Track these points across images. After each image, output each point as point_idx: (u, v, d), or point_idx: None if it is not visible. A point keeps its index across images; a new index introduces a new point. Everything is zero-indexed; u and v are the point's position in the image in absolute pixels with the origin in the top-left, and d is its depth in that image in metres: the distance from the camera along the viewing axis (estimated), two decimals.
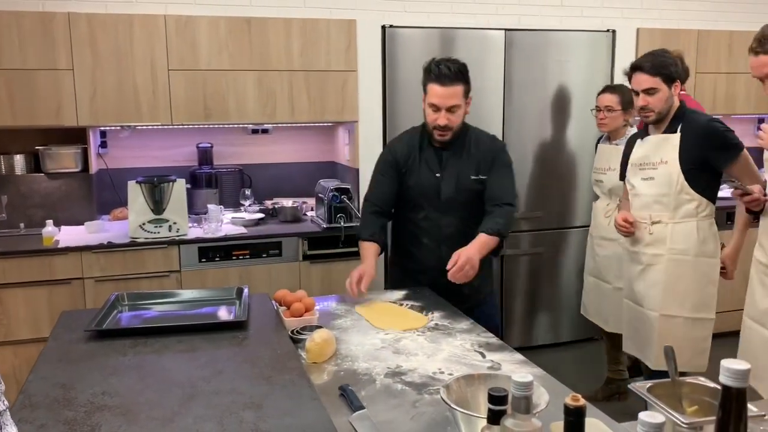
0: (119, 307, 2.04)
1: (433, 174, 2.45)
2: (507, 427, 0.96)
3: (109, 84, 3.34)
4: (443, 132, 2.39)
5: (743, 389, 0.80)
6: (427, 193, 2.46)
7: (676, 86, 2.54)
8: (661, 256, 2.57)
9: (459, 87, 2.34)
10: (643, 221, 2.61)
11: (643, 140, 2.66)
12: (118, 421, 1.29)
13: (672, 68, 2.53)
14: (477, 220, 2.40)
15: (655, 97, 2.51)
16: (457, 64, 2.35)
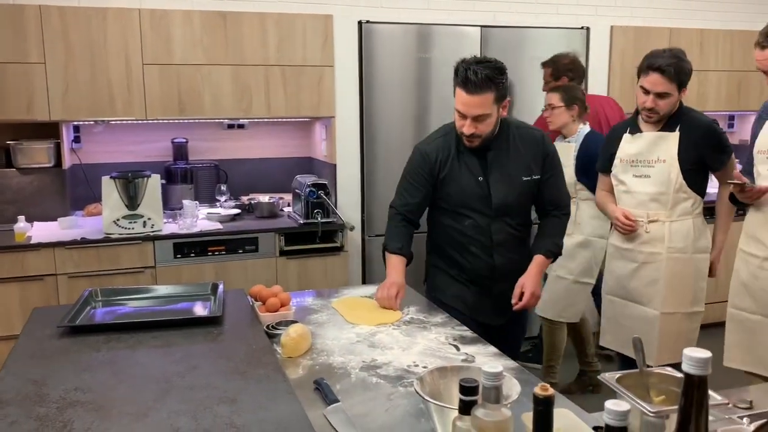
0: (93, 303, 2.02)
1: (476, 178, 2.23)
2: (477, 416, 0.97)
3: (82, 78, 3.29)
4: (470, 140, 2.18)
5: (704, 377, 0.82)
6: (472, 200, 2.24)
7: (684, 91, 2.51)
8: (659, 254, 2.58)
9: (488, 95, 2.08)
10: (639, 219, 2.60)
11: (634, 136, 2.62)
12: (90, 416, 1.28)
13: (686, 75, 2.48)
14: (528, 221, 2.35)
15: (666, 102, 2.48)
16: (487, 69, 2.06)
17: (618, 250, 2.72)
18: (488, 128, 2.15)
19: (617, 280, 2.74)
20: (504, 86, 2.12)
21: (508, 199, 2.23)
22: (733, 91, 4.57)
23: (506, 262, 2.28)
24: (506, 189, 2.23)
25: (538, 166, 2.26)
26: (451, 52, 3.77)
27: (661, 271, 2.58)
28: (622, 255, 2.69)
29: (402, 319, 2.06)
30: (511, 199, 2.24)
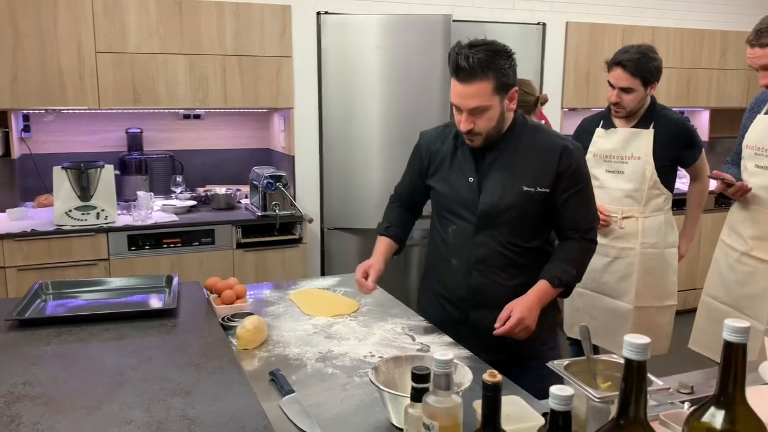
0: (43, 296, 1.98)
1: (466, 179, 1.89)
2: (428, 403, 1.00)
3: (31, 66, 3.20)
4: (470, 138, 1.83)
5: (644, 362, 0.86)
6: (457, 203, 1.91)
7: (653, 87, 2.55)
8: (632, 250, 2.65)
9: (484, 84, 1.73)
10: (613, 215, 2.66)
11: (607, 131, 2.67)
12: (40, 410, 1.26)
13: (654, 73, 2.52)
14: (527, 242, 1.89)
15: (630, 96, 2.53)
16: (481, 53, 1.73)
17: None
18: (489, 124, 1.79)
19: (589, 274, 2.78)
20: (507, 73, 1.76)
21: (498, 208, 1.85)
22: (682, 88, 4.71)
23: (487, 283, 1.87)
24: (498, 195, 1.85)
25: (549, 180, 1.83)
26: (410, 43, 3.78)
27: (634, 266, 2.65)
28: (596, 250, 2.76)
29: (359, 310, 2.07)
30: (501, 209, 1.85)
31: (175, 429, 1.18)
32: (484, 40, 1.79)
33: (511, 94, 1.81)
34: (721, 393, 0.91)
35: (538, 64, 4.28)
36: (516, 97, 1.83)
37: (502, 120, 1.83)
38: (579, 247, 1.90)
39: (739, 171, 2.45)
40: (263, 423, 1.21)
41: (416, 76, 3.80)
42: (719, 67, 4.83)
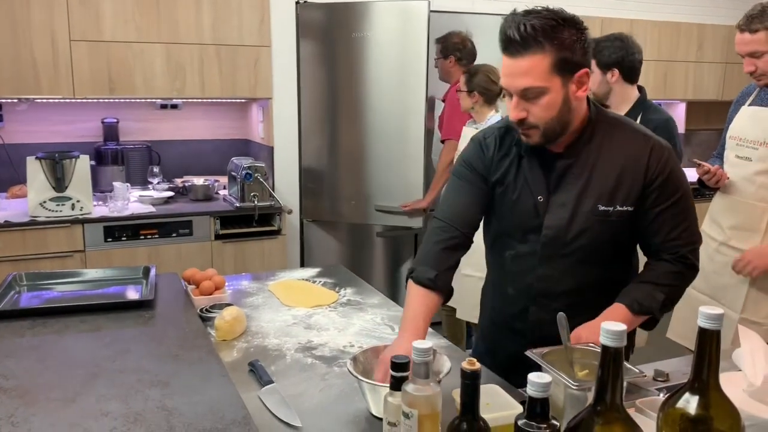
0: (17, 288, 1.94)
1: (535, 197, 1.52)
2: (407, 392, 1.00)
3: (3, 54, 3.14)
4: (525, 132, 1.45)
5: (620, 348, 0.87)
6: (521, 225, 1.56)
7: (613, 73, 2.51)
8: None
9: (538, 57, 1.36)
10: None
11: None
12: (14, 403, 1.24)
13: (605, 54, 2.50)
14: (602, 274, 1.55)
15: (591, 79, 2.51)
16: (537, 20, 1.37)
17: None
18: (548, 113, 1.40)
19: None
20: (572, 47, 1.37)
21: (566, 233, 1.50)
22: (659, 81, 4.76)
23: (547, 320, 1.44)
24: (567, 218, 1.49)
25: (634, 194, 1.47)
26: (390, 31, 3.76)
27: None
28: None
29: (339, 300, 2.07)
30: (571, 235, 1.50)
31: (153, 420, 1.18)
32: (546, 6, 1.42)
33: (580, 76, 1.40)
34: (696, 379, 0.92)
35: None
36: (587, 82, 1.42)
37: (568, 111, 1.42)
38: (673, 270, 1.51)
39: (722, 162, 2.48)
40: (242, 413, 1.21)
41: (395, 66, 3.79)
42: (695, 59, 4.88)
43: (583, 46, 1.39)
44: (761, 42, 2.18)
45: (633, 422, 0.89)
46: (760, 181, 2.26)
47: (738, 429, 0.92)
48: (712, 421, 0.92)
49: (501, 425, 1.10)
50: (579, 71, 1.39)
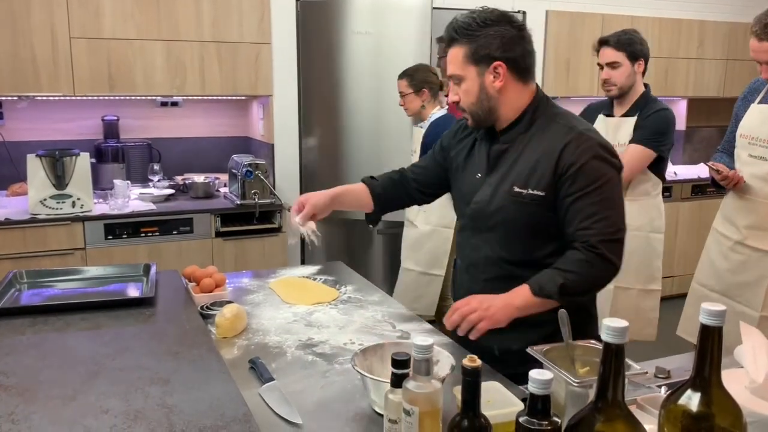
0: (18, 285, 1.94)
1: (475, 175, 1.71)
2: (408, 389, 1.00)
3: (3, 51, 3.14)
4: (465, 115, 1.66)
5: (622, 345, 0.86)
6: (462, 197, 1.75)
7: (639, 64, 2.65)
8: None
9: (456, 50, 1.60)
10: None
11: (606, 119, 2.76)
12: (14, 401, 1.24)
13: (637, 46, 2.64)
14: (526, 255, 1.63)
15: (618, 72, 2.63)
16: (468, 17, 1.59)
17: None
18: (468, 99, 1.61)
19: None
20: (490, 43, 1.55)
21: (486, 210, 1.65)
22: (660, 77, 4.75)
23: (477, 292, 1.58)
24: (489, 195, 1.65)
25: (545, 181, 1.57)
26: (391, 29, 3.76)
27: None
28: None
29: (339, 298, 2.07)
30: (490, 211, 1.64)
31: (154, 417, 1.17)
32: (484, 7, 1.62)
33: (496, 68, 1.57)
34: (698, 376, 0.92)
35: None
36: (502, 74, 1.57)
37: (487, 98, 1.60)
38: (580, 258, 1.53)
39: (731, 160, 2.47)
40: (243, 411, 1.20)
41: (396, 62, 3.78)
42: (697, 56, 4.87)
43: (505, 40, 1.56)
44: None
45: (635, 419, 0.89)
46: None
47: (740, 426, 0.92)
48: (714, 418, 0.91)
49: (502, 422, 1.10)
50: (492, 63, 1.57)
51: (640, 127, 2.66)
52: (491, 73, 1.58)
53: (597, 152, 1.55)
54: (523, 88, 1.63)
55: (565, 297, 1.50)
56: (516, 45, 1.57)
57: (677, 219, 4.62)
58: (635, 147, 2.64)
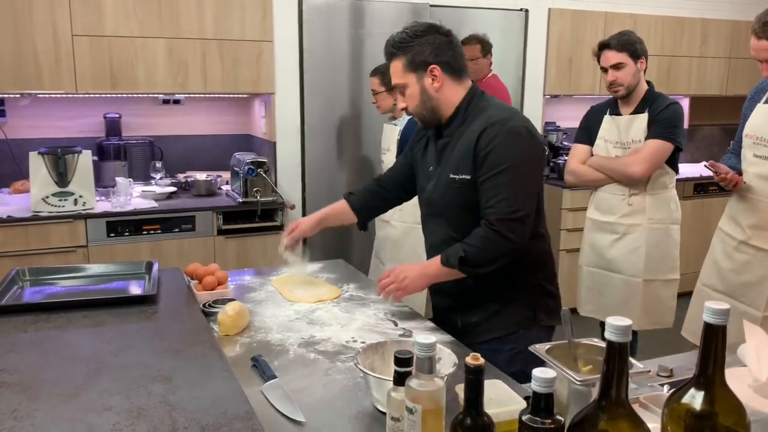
0: (20, 283, 1.94)
1: (428, 168, 1.92)
2: (411, 387, 0.99)
3: (5, 49, 3.14)
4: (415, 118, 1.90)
5: (625, 344, 0.86)
6: (421, 190, 1.97)
7: (642, 62, 2.70)
8: (639, 226, 2.76)
9: (395, 62, 1.80)
10: (621, 194, 2.79)
11: (613, 118, 2.80)
12: (17, 398, 1.24)
13: (637, 45, 2.70)
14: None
15: (623, 72, 2.68)
16: (402, 33, 1.79)
17: (596, 223, 2.89)
18: (412, 102, 1.81)
19: (597, 252, 2.90)
20: (423, 51, 1.75)
21: (433, 196, 1.88)
22: (663, 75, 4.74)
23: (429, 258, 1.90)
24: (434, 183, 1.87)
25: (469, 165, 1.76)
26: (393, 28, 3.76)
27: (641, 241, 2.76)
28: (601, 227, 2.86)
29: (341, 296, 2.07)
30: (435, 197, 1.87)
31: (156, 415, 1.17)
32: (415, 21, 1.84)
33: (432, 72, 1.76)
34: (701, 374, 0.91)
35: (521, 50, 4.28)
36: (439, 75, 1.76)
37: (429, 99, 1.79)
38: (482, 234, 1.71)
39: (739, 161, 2.47)
40: (245, 408, 1.20)
41: None
42: (699, 55, 4.86)
43: (435, 47, 1.75)
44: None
45: (638, 417, 0.89)
46: None
47: (743, 424, 0.92)
48: (717, 416, 0.91)
49: (505, 420, 1.10)
50: (426, 68, 1.76)
51: (654, 122, 2.69)
52: (429, 77, 1.77)
53: (506, 138, 1.71)
54: (458, 86, 1.82)
55: (466, 268, 1.72)
56: (446, 49, 1.77)
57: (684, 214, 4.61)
58: (655, 142, 2.68)
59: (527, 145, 1.74)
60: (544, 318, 1.85)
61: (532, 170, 1.77)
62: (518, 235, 1.71)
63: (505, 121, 1.73)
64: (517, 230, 1.71)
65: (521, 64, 4.31)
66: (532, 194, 1.76)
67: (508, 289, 1.82)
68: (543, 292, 1.86)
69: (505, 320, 1.83)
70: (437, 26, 1.80)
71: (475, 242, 1.72)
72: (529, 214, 1.73)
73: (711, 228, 3.05)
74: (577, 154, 2.91)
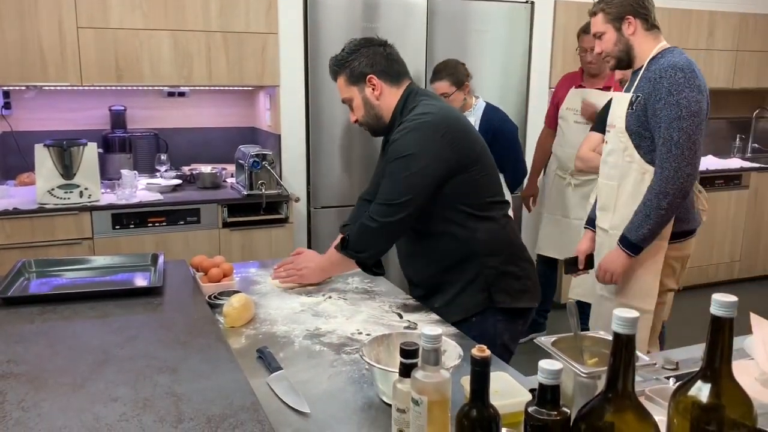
0: (26, 274, 1.95)
1: (381, 167, 2.11)
2: (417, 378, 0.99)
3: (10, 41, 3.14)
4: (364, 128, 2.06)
5: (632, 335, 0.86)
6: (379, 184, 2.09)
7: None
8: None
9: (340, 79, 1.98)
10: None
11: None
12: (24, 388, 1.25)
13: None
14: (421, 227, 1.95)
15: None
16: (336, 57, 1.98)
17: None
18: (359, 113, 1.98)
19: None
20: (356, 64, 1.93)
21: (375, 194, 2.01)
22: None
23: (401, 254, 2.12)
24: (380, 178, 2.00)
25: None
26: (397, 22, 3.75)
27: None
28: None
29: (346, 288, 2.07)
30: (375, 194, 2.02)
31: (162, 406, 1.18)
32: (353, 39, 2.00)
33: (370, 80, 1.93)
34: (708, 367, 0.91)
35: (526, 43, 4.26)
36: (379, 86, 1.93)
37: (372, 108, 1.96)
38: (361, 220, 1.94)
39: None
40: (251, 399, 1.21)
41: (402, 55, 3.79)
42: (706, 47, 4.83)
43: (368, 59, 1.93)
44: None
45: (645, 410, 0.88)
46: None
47: (750, 417, 0.92)
48: (724, 409, 0.91)
49: (510, 412, 1.10)
50: (363, 79, 1.93)
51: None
52: (369, 86, 1.94)
53: (406, 133, 1.86)
54: (396, 90, 1.97)
55: (350, 252, 1.95)
56: (381, 58, 1.94)
57: None
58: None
59: (426, 138, 1.84)
60: (506, 299, 1.91)
61: (431, 162, 1.83)
62: (389, 218, 1.86)
63: (416, 118, 1.87)
64: (388, 213, 1.86)
65: (527, 57, 4.28)
66: (426, 184, 1.84)
67: (460, 274, 1.92)
68: (500, 274, 1.91)
69: (462, 304, 1.92)
70: (372, 39, 1.99)
71: (354, 228, 1.96)
72: (412, 199, 1.84)
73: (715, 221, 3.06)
74: (590, 142, 2.93)
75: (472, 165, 1.88)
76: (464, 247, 1.90)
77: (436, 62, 3.92)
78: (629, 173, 2.30)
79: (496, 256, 1.91)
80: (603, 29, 2.32)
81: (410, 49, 3.85)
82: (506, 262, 1.93)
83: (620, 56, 2.33)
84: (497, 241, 1.93)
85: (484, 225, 1.91)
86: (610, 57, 2.34)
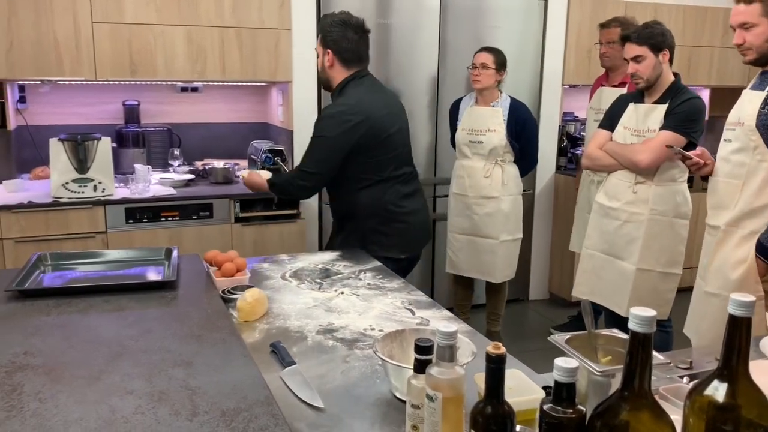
0: (42, 267, 1.97)
1: None
2: (431, 375, 1.00)
3: (26, 35, 3.16)
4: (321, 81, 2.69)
5: (649, 334, 0.86)
6: None
7: (664, 55, 2.70)
8: (641, 215, 2.76)
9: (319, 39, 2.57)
10: (627, 181, 2.79)
11: (636, 106, 2.80)
12: (41, 380, 1.26)
13: (658, 38, 2.69)
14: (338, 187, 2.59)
15: (643, 65, 2.70)
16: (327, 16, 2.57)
17: (603, 208, 2.90)
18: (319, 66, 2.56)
19: (601, 236, 2.91)
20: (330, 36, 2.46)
21: None
22: (683, 66, 4.67)
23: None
24: None
25: None
26: (410, 18, 3.74)
27: (640, 231, 2.76)
28: (607, 213, 2.88)
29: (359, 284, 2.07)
30: None
31: (177, 399, 1.19)
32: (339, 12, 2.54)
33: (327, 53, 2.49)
34: (725, 367, 0.91)
35: (540, 39, 4.24)
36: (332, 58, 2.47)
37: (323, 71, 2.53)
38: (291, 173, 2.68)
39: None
40: (265, 393, 1.21)
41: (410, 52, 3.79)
42: (721, 45, 4.79)
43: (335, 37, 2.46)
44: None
45: (661, 408, 0.88)
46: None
47: (766, 418, 0.91)
48: (740, 409, 0.91)
49: (524, 409, 1.10)
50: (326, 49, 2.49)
51: (671, 114, 2.70)
52: (326, 56, 2.48)
53: (322, 117, 2.48)
54: (344, 70, 2.49)
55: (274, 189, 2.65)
56: (344, 41, 2.44)
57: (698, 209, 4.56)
58: (666, 133, 2.67)
59: (336, 125, 2.40)
60: (376, 249, 2.47)
61: (337, 145, 2.40)
62: (302, 182, 2.50)
63: (336, 105, 2.46)
64: (302, 178, 2.49)
65: (540, 53, 4.27)
66: (330, 160, 2.43)
67: (348, 223, 2.59)
68: (374, 231, 2.51)
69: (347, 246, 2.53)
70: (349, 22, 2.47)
71: (283, 177, 2.66)
72: (319, 172, 2.46)
73: None
74: (597, 139, 2.92)
75: (375, 148, 2.44)
76: (350, 206, 2.54)
77: (449, 58, 3.93)
78: (758, 171, 2.18)
79: (375, 218, 2.50)
80: (757, 21, 2.17)
81: (423, 44, 3.85)
82: (382, 224, 2.51)
83: (765, 52, 2.18)
84: (376, 206, 2.49)
85: (366, 191, 2.48)
86: (753, 51, 2.19)
